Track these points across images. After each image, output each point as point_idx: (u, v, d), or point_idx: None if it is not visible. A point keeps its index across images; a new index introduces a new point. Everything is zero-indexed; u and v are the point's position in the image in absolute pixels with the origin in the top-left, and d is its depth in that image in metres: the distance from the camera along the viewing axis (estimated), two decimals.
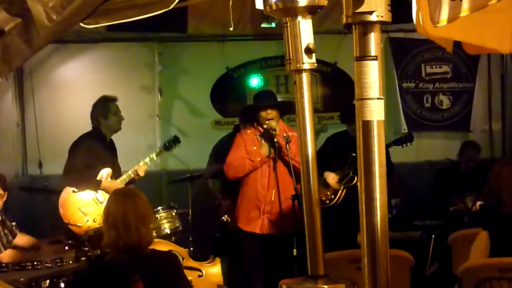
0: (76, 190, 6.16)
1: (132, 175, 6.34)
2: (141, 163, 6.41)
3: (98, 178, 6.21)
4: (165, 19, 4.28)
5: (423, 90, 8.91)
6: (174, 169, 8.56)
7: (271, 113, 5.96)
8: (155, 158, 6.55)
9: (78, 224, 6.01)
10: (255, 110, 6.10)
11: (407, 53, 8.83)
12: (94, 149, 6.29)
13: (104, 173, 6.24)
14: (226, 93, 8.79)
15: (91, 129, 6.44)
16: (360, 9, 2.11)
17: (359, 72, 2.15)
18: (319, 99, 8.81)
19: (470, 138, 8.56)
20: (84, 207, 6.10)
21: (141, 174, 6.37)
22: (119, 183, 6.24)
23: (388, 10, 2.14)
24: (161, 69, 8.70)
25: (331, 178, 6.43)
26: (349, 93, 2.09)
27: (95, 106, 6.45)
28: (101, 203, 6.12)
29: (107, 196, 6.12)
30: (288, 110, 6.21)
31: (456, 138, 8.83)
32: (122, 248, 3.50)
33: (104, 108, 6.39)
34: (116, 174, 6.38)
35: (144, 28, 7.37)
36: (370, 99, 2.13)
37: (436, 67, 8.91)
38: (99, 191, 6.18)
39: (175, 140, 6.79)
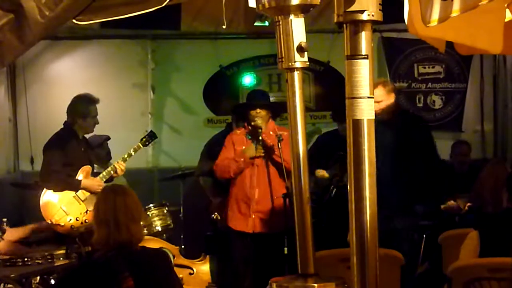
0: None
1: (112, 172, 6.15)
2: (120, 160, 6.20)
3: (76, 177, 6.04)
4: (158, 17, 4.27)
5: (415, 90, 8.92)
6: (165, 167, 8.54)
7: (259, 112, 5.94)
8: (133, 154, 6.27)
9: (61, 224, 5.92)
10: (246, 108, 6.10)
11: (400, 52, 8.84)
12: (68, 148, 6.07)
13: (83, 172, 6.09)
14: (219, 91, 8.78)
15: (62, 127, 6.19)
16: (352, 8, 2.12)
17: (350, 70, 2.16)
18: (311, 98, 8.81)
19: (462, 138, 8.56)
20: (66, 205, 5.94)
21: (120, 172, 6.19)
22: (99, 180, 6.06)
23: (380, 10, 2.15)
24: (154, 67, 8.69)
25: (321, 174, 6.44)
26: (342, 92, 2.10)
27: (75, 102, 6.20)
28: (82, 201, 6.02)
29: (87, 194, 6.03)
30: (280, 110, 6.21)
31: (448, 138, 8.82)
32: (112, 245, 3.49)
33: (85, 109, 6.16)
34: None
35: (137, 25, 7.35)
36: (360, 97, 2.14)
37: (428, 67, 8.92)
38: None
39: (152, 136, 6.62)
